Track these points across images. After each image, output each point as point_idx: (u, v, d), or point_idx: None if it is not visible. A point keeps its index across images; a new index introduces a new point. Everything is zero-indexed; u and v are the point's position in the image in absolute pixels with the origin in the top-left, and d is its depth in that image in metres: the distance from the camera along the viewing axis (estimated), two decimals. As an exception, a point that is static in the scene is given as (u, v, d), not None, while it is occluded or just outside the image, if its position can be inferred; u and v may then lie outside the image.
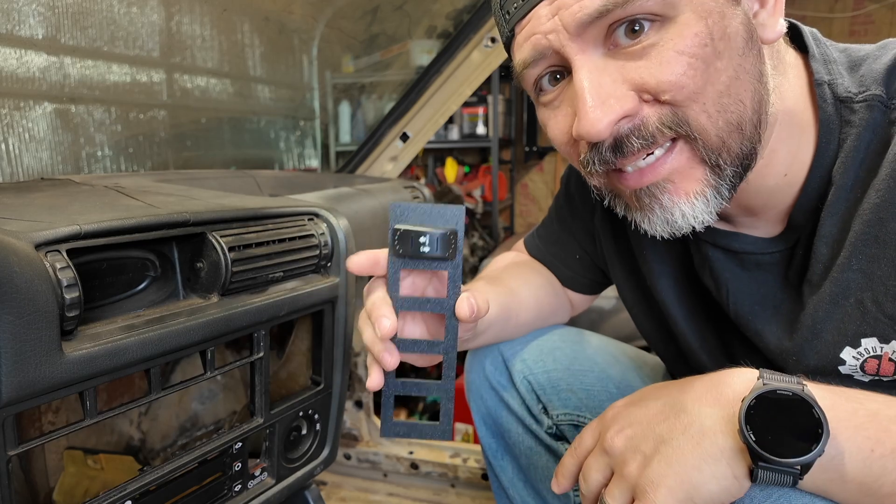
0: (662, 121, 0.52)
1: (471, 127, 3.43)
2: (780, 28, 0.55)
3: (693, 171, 0.54)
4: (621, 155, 0.54)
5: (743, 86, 0.53)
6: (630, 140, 0.53)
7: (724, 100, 0.52)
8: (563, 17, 0.51)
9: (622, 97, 0.52)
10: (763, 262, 0.65)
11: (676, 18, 0.50)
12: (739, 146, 0.54)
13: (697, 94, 0.51)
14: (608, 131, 0.52)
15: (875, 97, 0.56)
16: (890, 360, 0.57)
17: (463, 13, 1.53)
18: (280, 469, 0.89)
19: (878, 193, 0.54)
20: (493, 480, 0.95)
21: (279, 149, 1.74)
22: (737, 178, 0.55)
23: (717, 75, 0.51)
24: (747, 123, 0.53)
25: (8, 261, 0.50)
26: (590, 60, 0.52)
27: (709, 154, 0.53)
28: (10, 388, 0.51)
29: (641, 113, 0.53)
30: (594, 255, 0.88)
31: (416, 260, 0.55)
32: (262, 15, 1.56)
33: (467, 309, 0.55)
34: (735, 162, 0.54)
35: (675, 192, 0.55)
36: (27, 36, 1.00)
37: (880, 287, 0.55)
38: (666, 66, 0.50)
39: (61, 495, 0.71)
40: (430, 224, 0.54)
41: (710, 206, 0.55)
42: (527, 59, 0.56)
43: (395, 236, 0.54)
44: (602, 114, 0.51)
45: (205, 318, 0.69)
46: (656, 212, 0.56)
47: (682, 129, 0.52)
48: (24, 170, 1.02)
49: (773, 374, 0.49)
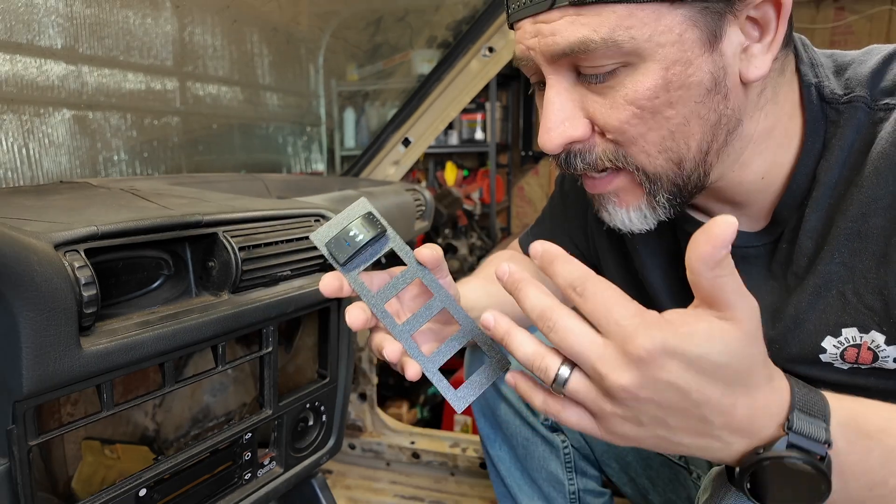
0: (606, 153, 0.58)
1: (469, 132, 3.46)
2: (765, 68, 0.55)
3: (634, 190, 0.60)
4: (573, 169, 0.60)
5: (691, 130, 0.55)
6: (575, 160, 0.59)
7: (668, 143, 0.56)
8: (539, 44, 0.55)
9: (577, 125, 0.57)
10: (748, 254, 0.66)
11: (638, 66, 0.53)
12: (676, 178, 0.58)
13: (638, 139, 0.55)
14: (559, 150, 0.58)
15: (859, 98, 0.57)
16: (869, 349, 0.58)
17: (462, 24, 1.54)
18: (288, 458, 0.89)
19: (862, 190, 0.56)
20: (491, 469, 0.96)
21: (287, 153, 1.75)
22: (676, 200, 0.60)
23: (664, 123, 0.54)
24: (689, 162, 0.57)
25: (28, 260, 0.51)
26: (559, 82, 0.57)
27: (645, 183, 0.58)
28: (31, 382, 0.52)
29: (591, 140, 0.58)
30: (586, 252, 0.89)
31: (360, 256, 0.55)
32: (271, 26, 1.57)
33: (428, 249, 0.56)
34: (673, 190, 0.59)
35: (618, 204, 0.61)
36: (47, 46, 1.01)
37: (861, 279, 0.57)
38: (614, 111, 0.55)
39: (80, 483, 0.71)
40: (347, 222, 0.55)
41: (647, 220, 0.61)
42: (517, 58, 0.60)
43: (328, 249, 0.55)
44: (556, 134, 0.57)
45: (216, 314, 0.70)
46: (605, 214, 0.63)
47: (620, 163, 0.58)
48: (44, 173, 1.03)
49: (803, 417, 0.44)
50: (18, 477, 0.56)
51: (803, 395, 0.45)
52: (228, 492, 0.81)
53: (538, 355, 0.46)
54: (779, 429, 0.44)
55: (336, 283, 0.56)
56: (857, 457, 0.45)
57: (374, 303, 0.56)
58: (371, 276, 0.59)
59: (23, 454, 0.56)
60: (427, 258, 0.56)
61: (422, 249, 0.56)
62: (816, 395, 0.46)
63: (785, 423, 0.44)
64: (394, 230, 0.57)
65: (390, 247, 0.57)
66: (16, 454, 0.55)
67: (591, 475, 0.98)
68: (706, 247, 0.40)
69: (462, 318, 0.57)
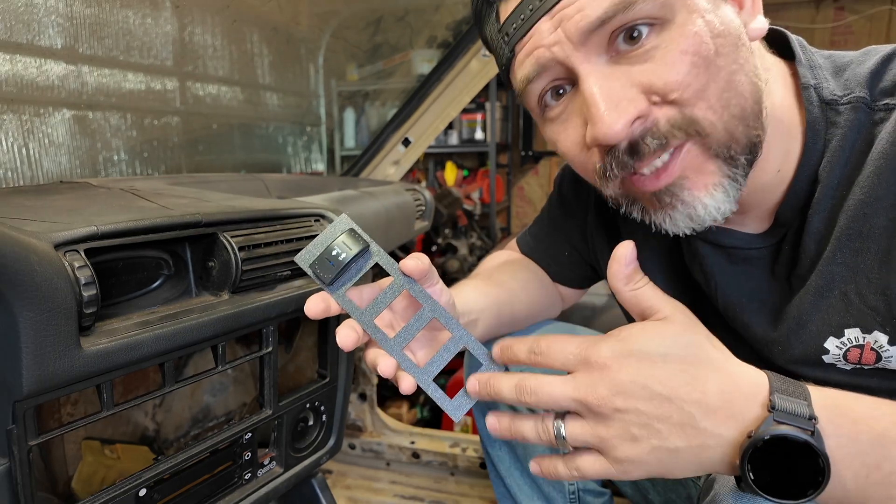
0: (672, 122, 0.52)
1: (469, 132, 3.47)
2: (760, 25, 0.56)
3: (706, 165, 0.54)
4: (638, 157, 0.54)
5: (741, 79, 0.53)
6: (645, 141, 0.53)
7: (727, 94, 0.52)
8: (566, 28, 0.52)
9: (634, 99, 0.52)
10: (751, 256, 0.66)
11: (674, 20, 0.51)
12: (746, 136, 0.54)
13: (702, 91, 0.51)
14: (624, 132, 0.52)
15: (859, 99, 0.57)
16: (871, 350, 0.58)
17: (462, 24, 1.55)
18: (288, 458, 0.89)
19: (863, 190, 0.55)
20: (491, 469, 0.96)
21: (287, 153, 1.75)
22: (749, 165, 0.55)
23: (718, 72, 0.52)
24: (750, 115, 0.54)
25: (29, 260, 0.50)
26: (596, 68, 0.53)
27: (719, 149, 0.53)
28: (31, 381, 0.52)
29: (653, 114, 0.53)
30: (585, 253, 0.89)
31: (345, 273, 0.55)
32: (271, 26, 1.58)
33: (413, 261, 0.56)
34: (745, 150, 0.55)
35: (693, 187, 0.55)
36: (47, 46, 1.01)
37: (863, 280, 0.56)
38: (672, 67, 0.51)
39: (80, 483, 0.71)
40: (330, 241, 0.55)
41: (729, 195, 0.55)
42: (529, 75, 0.56)
43: (313, 270, 0.54)
44: (617, 115, 0.51)
45: (216, 314, 0.69)
46: (678, 209, 0.56)
47: (691, 128, 0.53)
48: (44, 173, 1.03)
49: (784, 397, 0.46)
50: (18, 477, 0.56)
51: (780, 380, 0.48)
52: (228, 492, 0.81)
53: (538, 423, 0.54)
54: (762, 409, 0.47)
55: (322, 304, 0.56)
56: (845, 439, 0.46)
57: (364, 319, 0.56)
58: (360, 290, 0.59)
59: (23, 454, 0.56)
60: (412, 269, 0.56)
61: (406, 261, 0.56)
62: (794, 382, 0.48)
63: (768, 405, 0.46)
64: (377, 244, 0.57)
65: (375, 261, 0.57)
66: (16, 454, 0.55)
67: (591, 475, 0.98)
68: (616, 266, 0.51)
69: (453, 327, 0.57)
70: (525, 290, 0.86)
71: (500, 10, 0.58)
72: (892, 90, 0.57)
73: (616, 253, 0.51)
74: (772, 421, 0.45)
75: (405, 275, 0.56)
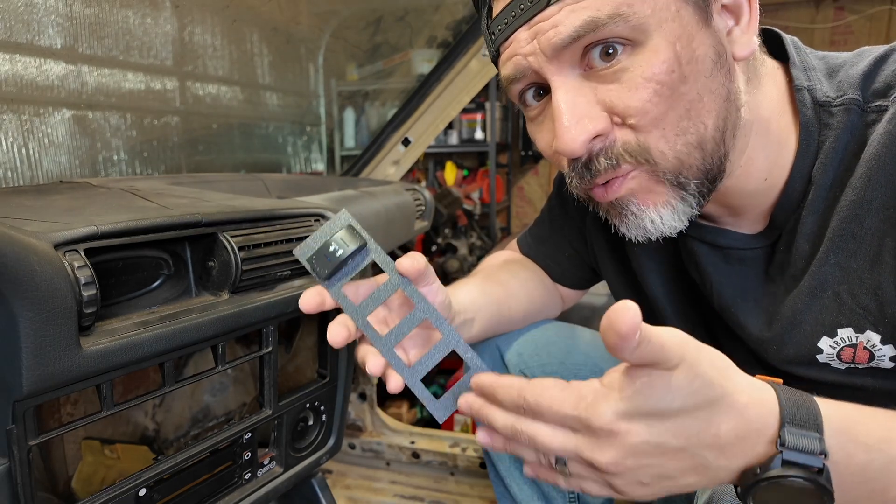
0: (626, 147, 0.55)
1: (469, 132, 3.47)
2: (752, 46, 0.57)
3: (654, 187, 0.57)
4: (590, 175, 0.56)
5: (706, 107, 0.54)
6: (598, 160, 0.55)
7: (684, 123, 0.54)
8: (541, 42, 0.54)
9: (596, 117, 0.54)
10: (745, 257, 0.66)
11: (646, 44, 0.52)
12: (701, 163, 0.56)
13: (659, 120, 0.53)
14: (583, 149, 0.54)
15: (852, 101, 0.58)
16: (865, 349, 0.59)
17: (462, 24, 1.55)
18: (288, 458, 0.89)
19: (855, 191, 0.56)
20: (491, 469, 0.95)
21: (286, 153, 1.75)
22: (704, 188, 0.57)
23: (680, 100, 0.53)
24: (708, 142, 0.55)
25: (28, 260, 0.50)
26: (566, 81, 0.54)
27: (669, 175, 0.55)
28: (31, 381, 0.52)
29: (612, 134, 0.55)
30: (584, 254, 0.89)
31: (342, 270, 0.55)
32: (271, 26, 1.58)
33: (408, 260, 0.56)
34: (698, 176, 0.56)
35: (642, 203, 0.57)
36: (47, 45, 1.01)
37: (856, 280, 0.57)
38: (633, 93, 0.52)
39: (80, 483, 0.71)
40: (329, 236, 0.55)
41: (676, 214, 0.57)
42: (510, 77, 0.58)
43: (311, 265, 0.55)
44: (577, 132, 0.53)
45: (216, 314, 0.69)
46: (630, 219, 0.59)
47: (641, 157, 0.55)
48: (44, 173, 1.03)
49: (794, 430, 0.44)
50: (18, 477, 0.56)
51: (792, 404, 0.45)
52: (228, 492, 0.81)
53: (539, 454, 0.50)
54: (770, 446, 0.44)
55: (317, 298, 0.57)
56: (855, 468, 0.45)
57: (357, 316, 0.57)
58: (357, 285, 0.59)
59: (23, 454, 0.55)
60: (407, 269, 0.56)
61: (402, 260, 0.56)
62: (807, 403, 0.45)
63: (777, 441, 0.44)
64: (375, 242, 0.57)
65: (372, 258, 0.57)
66: (16, 454, 0.55)
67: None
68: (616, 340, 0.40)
69: (444, 329, 0.57)
70: (525, 290, 0.86)
71: (493, 7, 0.59)
72: (885, 92, 0.57)
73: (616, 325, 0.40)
74: (780, 462, 0.43)
75: (400, 274, 0.56)
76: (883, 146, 0.55)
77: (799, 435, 0.43)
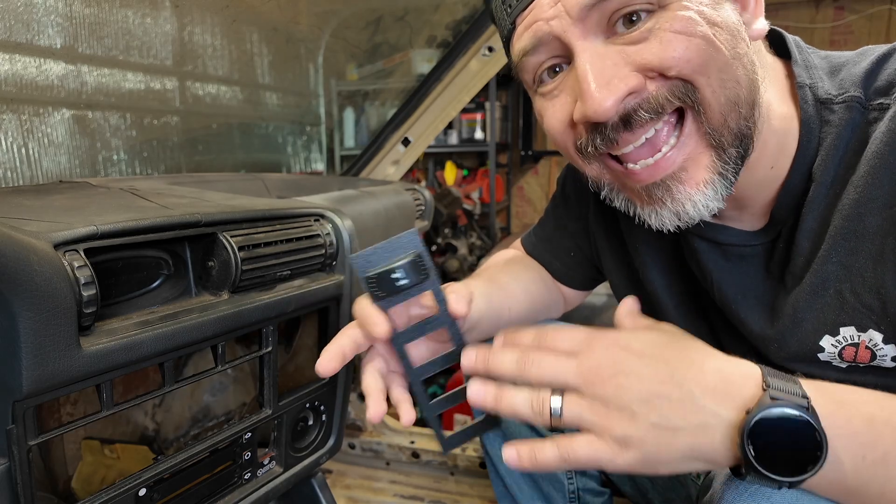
0: (672, 91, 0.53)
1: (469, 132, 3.47)
2: (761, 27, 0.58)
3: (701, 157, 0.56)
4: (628, 130, 0.55)
5: (737, 68, 0.54)
6: (638, 113, 0.54)
7: (724, 76, 0.53)
8: (566, 2, 0.53)
9: (626, 77, 0.53)
10: (746, 254, 0.66)
11: (669, 6, 0.52)
12: (738, 125, 0.55)
13: (703, 66, 0.52)
14: (614, 109, 0.53)
15: (854, 98, 0.58)
16: (867, 348, 0.59)
17: (462, 23, 1.55)
18: (287, 458, 0.89)
19: (857, 189, 0.56)
20: (491, 469, 0.96)
21: (286, 153, 1.76)
22: (739, 160, 0.56)
23: (715, 53, 0.52)
24: (743, 103, 0.55)
25: (28, 260, 0.50)
26: (591, 46, 0.54)
27: (713, 133, 0.55)
28: (31, 381, 0.52)
29: (647, 89, 0.54)
30: (588, 252, 0.89)
31: (398, 295, 0.56)
32: (271, 26, 1.58)
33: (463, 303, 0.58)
34: (735, 142, 0.55)
35: (687, 183, 0.56)
36: (47, 45, 1.01)
37: (858, 279, 0.57)
38: (668, 45, 0.52)
39: (79, 483, 0.71)
40: (394, 258, 0.55)
41: (717, 192, 0.56)
42: (526, 47, 0.57)
43: (369, 283, 0.55)
44: (608, 93, 0.52)
45: (216, 314, 0.69)
46: (667, 205, 0.57)
47: (689, 98, 0.54)
48: (44, 173, 1.03)
49: (777, 379, 0.48)
50: (18, 477, 0.56)
51: (770, 369, 0.50)
52: (228, 491, 0.81)
53: (532, 395, 0.52)
54: (757, 388, 0.48)
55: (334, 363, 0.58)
56: (839, 419, 0.46)
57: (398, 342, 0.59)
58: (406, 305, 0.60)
59: (22, 454, 0.56)
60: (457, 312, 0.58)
61: (456, 302, 0.58)
62: (784, 373, 0.49)
63: (762, 385, 0.48)
64: (437, 275, 0.58)
65: (429, 290, 0.57)
66: (15, 454, 0.55)
67: (591, 474, 0.99)
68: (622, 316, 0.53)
69: None
70: (526, 293, 0.86)
71: None
72: (887, 90, 0.57)
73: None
74: (768, 398, 0.46)
75: (449, 315, 0.58)
76: (885, 144, 0.55)
77: (782, 381, 0.48)
